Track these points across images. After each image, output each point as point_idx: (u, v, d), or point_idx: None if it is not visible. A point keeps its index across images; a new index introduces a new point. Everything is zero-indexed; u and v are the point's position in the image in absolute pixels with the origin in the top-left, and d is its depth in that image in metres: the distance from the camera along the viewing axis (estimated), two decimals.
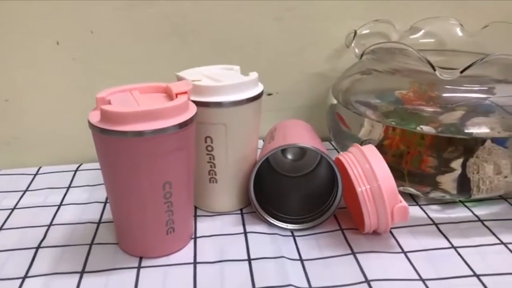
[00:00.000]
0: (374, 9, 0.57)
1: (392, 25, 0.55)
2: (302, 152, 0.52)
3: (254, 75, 0.43)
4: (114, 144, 0.35)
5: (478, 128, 0.42)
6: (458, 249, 0.40)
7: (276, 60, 0.59)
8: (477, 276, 0.36)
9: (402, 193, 0.46)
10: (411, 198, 0.48)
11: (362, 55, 0.46)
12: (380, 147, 0.45)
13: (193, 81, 0.41)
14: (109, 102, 0.36)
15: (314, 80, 0.60)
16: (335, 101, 0.50)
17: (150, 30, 0.55)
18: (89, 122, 0.35)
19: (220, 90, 0.41)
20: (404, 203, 0.39)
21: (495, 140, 0.41)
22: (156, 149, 0.35)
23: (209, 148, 0.42)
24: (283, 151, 0.53)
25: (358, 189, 0.39)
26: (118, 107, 0.35)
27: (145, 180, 0.36)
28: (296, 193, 0.49)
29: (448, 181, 0.44)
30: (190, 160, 0.38)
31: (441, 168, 0.43)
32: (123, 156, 0.35)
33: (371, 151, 0.40)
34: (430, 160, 0.43)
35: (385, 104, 0.47)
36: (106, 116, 0.34)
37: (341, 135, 0.51)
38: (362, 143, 0.45)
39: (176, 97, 0.37)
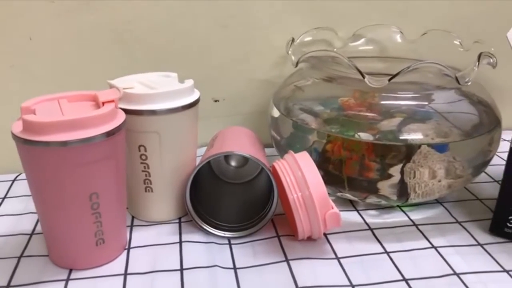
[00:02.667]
0: (318, 17, 0.58)
1: (335, 32, 0.56)
2: (245, 159, 0.52)
3: (189, 82, 0.43)
4: (37, 155, 0.34)
5: (411, 135, 0.43)
6: (391, 254, 0.40)
7: (222, 67, 0.59)
8: (406, 280, 0.37)
9: (340, 199, 0.47)
10: (350, 204, 0.48)
11: (297, 63, 0.47)
12: (323, 152, 0.45)
13: (125, 88, 0.40)
14: (33, 112, 0.35)
15: (261, 87, 0.60)
16: (275, 111, 0.50)
17: (91, 37, 0.54)
18: (11, 132, 0.34)
19: (152, 98, 0.40)
20: (335, 209, 0.39)
21: (434, 146, 0.42)
22: (82, 159, 0.34)
23: (143, 157, 0.42)
24: (227, 158, 0.53)
25: (290, 197, 0.39)
26: (41, 117, 0.34)
27: (70, 191, 0.35)
28: (237, 200, 0.49)
29: (386, 186, 0.44)
30: (120, 170, 0.38)
31: (382, 173, 0.44)
32: (46, 167, 0.34)
33: (304, 158, 0.41)
34: (373, 165, 0.44)
35: (327, 111, 0.48)
36: (28, 126, 0.33)
37: (280, 145, 0.51)
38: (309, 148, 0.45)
39: (103, 105, 0.36)
